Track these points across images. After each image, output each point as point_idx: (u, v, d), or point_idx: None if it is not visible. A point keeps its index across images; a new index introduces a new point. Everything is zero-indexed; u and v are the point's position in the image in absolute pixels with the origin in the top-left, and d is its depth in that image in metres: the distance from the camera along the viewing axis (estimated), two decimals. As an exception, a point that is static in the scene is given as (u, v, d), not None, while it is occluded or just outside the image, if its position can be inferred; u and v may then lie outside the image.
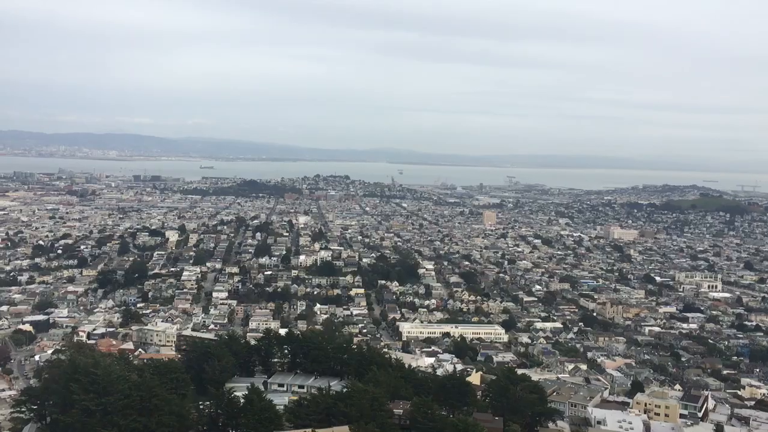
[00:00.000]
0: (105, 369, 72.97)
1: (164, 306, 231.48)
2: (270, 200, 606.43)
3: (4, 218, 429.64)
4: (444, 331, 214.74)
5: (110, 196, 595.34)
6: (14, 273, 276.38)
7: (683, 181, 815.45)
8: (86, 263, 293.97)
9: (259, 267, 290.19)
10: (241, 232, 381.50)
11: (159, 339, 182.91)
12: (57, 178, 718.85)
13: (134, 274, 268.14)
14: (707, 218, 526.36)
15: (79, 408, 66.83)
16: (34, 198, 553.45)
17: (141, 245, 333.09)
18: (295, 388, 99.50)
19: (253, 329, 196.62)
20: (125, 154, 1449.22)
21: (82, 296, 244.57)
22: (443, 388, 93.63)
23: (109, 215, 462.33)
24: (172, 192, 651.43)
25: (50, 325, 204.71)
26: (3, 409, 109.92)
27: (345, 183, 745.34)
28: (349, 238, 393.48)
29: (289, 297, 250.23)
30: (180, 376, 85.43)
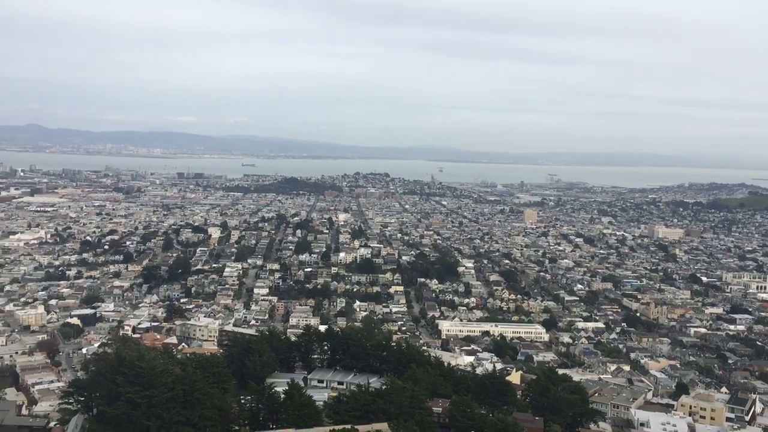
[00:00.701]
0: (149, 363, 74.37)
1: (206, 301, 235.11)
2: (310, 198, 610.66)
3: (54, 214, 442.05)
4: (483, 330, 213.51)
5: (155, 193, 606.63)
6: (63, 268, 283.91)
7: (731, 179, 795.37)
8: (132, 259, 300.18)
9: (299, 264, 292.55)
10: (281, 229, 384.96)
11: (201, 334, 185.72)
12: (104, 175, 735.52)
13: (178, 269, 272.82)
14: (756, 217, 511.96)
15: (124, 400, 68.31)
16: (82, 195, 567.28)
17: (184, 241, 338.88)
18: (334, 384, 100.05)
19: (293, 325, 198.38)
20: (169, 151, 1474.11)
21: (127, 291, 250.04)
22: (483, 386, 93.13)
23: (153, 212, 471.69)
24: (214, 189, 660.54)
25: (97, 318, 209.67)
26: (52, 400, 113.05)
27: (385, 181, 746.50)
28: (388, 235, 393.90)
29: (328, 294, 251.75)
30: (222, 371, 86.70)
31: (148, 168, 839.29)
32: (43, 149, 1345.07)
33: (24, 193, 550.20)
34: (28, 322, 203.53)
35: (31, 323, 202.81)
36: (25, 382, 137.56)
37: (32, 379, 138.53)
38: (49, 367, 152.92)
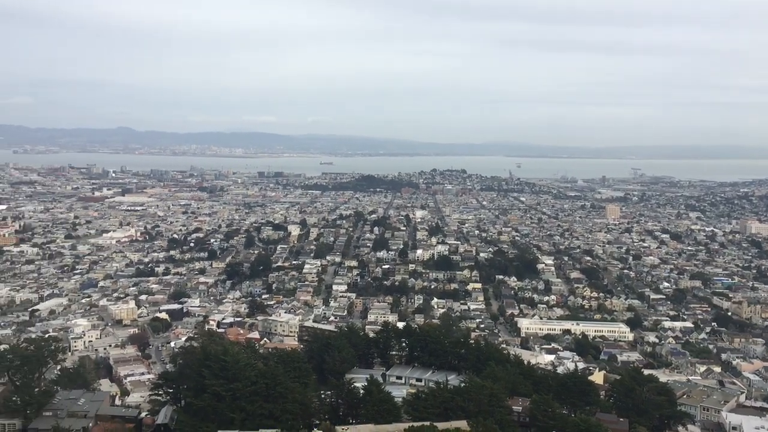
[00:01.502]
0: (234, 357, 76.40)
1: (287, 297, 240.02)
2: (387, 195, 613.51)
3: (143, 213, 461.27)
4: (564, 328, 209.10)
5: (237, 192, 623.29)
6: (152, 264, 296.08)
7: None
8: (216, 256, 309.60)
9: (377, 261, 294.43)
10: (359, 226, 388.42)
11: (282, 329, 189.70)
12: (189, 175, 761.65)
13: (259, 266, 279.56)
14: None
15: (210, 393, 70.43)
16: (169, 194, 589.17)
17: (265, 239, 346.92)
18: (413, 381, 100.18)
19: (371, 322, 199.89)
20: (251, 151, 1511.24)
21: (212, 287, 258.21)
22: (564, 386, 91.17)
23: (236, 210, 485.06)
24: (293, 187, 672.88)
25: (184, 313, 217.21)
26: (143, 391, 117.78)
27: (462, 177, 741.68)
28: (466, 232, 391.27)
29: (406, 291, 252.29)
30: (302, 366, 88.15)
31: (231, 167, 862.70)
32: (133, 151, 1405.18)
33: (115, 193, 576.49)
34: (121, 316, 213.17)
35: (123, 317, 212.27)
36: (118, 374, 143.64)
37: (124, 371, 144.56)
38: (140, 359, 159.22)
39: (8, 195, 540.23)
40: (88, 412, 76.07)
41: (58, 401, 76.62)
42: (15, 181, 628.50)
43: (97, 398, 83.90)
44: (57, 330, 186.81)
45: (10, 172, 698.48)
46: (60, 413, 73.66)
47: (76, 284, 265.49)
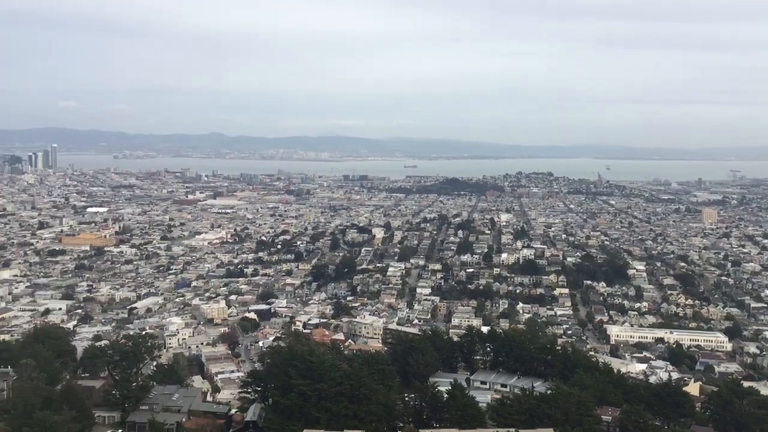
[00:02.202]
0: (319, 357, 77.54)
1: (371, 300, 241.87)
2: (471, 198, 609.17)
3: (233, 216, 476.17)
4: (657, 336, 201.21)
5: (323, 195, 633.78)
6: (241, 266, 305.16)
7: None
8: (302, 258, 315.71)
9: (461, 264, 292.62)
10: (443, 229, 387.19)
11: (367, 331, 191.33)
12: (277, 178, 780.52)
13: (344, 268, 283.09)
14: None
15: (296, 392, 71.77)
16: (258, 197, 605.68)
17: (350, 241, 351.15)
18: (497, 386, 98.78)
19: (455, 326, 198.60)
20: (336, 155, 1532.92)
21: (298, 288, 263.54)
22: (656, 396, 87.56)
23: (321, 213, 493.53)
24: (378, 191, 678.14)
25: (271, 314, 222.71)
26: (232, 388, 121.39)
27: (548, 180, 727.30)
28: (552, 236, 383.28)
29: (491, 295, 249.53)
30: (386, 368, 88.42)
31: (317, 171, 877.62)
32: (224, 155, 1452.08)
33: (207, 196, 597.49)
34: (212, 315, 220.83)
35: (214, 316, 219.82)
36: (210, 371, 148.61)
37: (215, 369, 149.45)
38: (230, 357, 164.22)
39: (109, 198, 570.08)
40: (181, 407, 78.92)
41: (154, 396, 79.86)
42: (115, 185, 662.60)
43: (190, 394, 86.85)
44: (153, 327, 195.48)
45: (110, 176, 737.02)
46: (155, 407, 76.75)
47: (171, 284, 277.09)
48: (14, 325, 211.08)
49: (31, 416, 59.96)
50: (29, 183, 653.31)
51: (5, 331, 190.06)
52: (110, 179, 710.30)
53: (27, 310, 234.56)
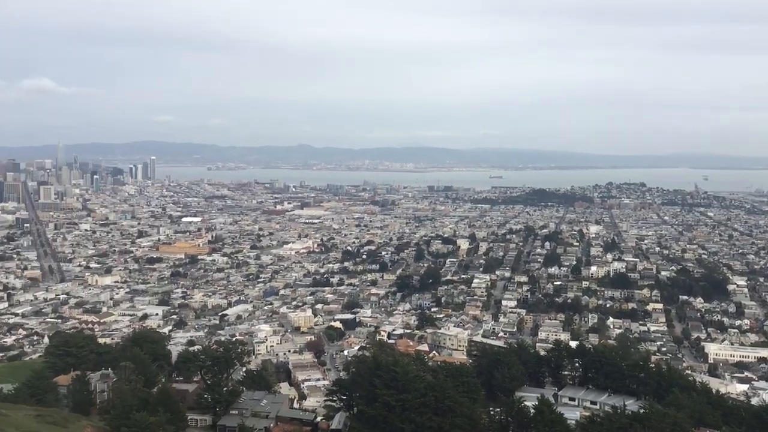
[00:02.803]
0: (404, 368, 77.47)
1: (456, 311, 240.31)
2: (559, 209, 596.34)
3: (320, 226, 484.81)
4: (760, 356, 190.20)
5: (407, 205, 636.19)
6: (327, 275, 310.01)
7: None
8: (387, 268, 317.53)
9: (548, 277, 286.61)
10: (529, 241, 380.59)
11: (451, 343, 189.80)
12: (362, 189, 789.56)
13: (428, 279, 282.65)
14: None
15: (381, 402, 71.92)
16: (343, 208, 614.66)
17: (434, 252, 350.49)
18: (587, 403, 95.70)
19: (542, 339, 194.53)
20: (421, 166, 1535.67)
21: (383, 298, 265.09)
22: (759, 419, 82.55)
23: (406, 223, 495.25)
24: (463, 201, 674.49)
25: (356, 323, 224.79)
26: (318, 396, 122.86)
27: (640, 191, 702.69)
28: (645, 249, 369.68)
29: (579, 308, 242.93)
30: (471, 381, 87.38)
31: (401, 182, 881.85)
32: (311, 167, 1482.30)
33: (295, 207, 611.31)
34: (299, 323, 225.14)
35: (300, 325, 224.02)
36: (296, 379, 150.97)
37: (302, 376, 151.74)
38: (316, 365, 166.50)
39: (203, 208, 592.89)
40: (269, 413, 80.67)
41: (243, 401, 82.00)
42: (208, 196, 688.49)
43: (278, 400, 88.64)
44: (243, 334, 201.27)
45: (204, 187, 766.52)
46: (245, 412, 78.79)
47: (260, 292, 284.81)
48: (115, 329, 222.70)
49: (129, 417, 62.70)
50: (130, 194, 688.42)
51: (106, 335, 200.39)
52: (204, 190, 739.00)
53: (126, 315, 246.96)
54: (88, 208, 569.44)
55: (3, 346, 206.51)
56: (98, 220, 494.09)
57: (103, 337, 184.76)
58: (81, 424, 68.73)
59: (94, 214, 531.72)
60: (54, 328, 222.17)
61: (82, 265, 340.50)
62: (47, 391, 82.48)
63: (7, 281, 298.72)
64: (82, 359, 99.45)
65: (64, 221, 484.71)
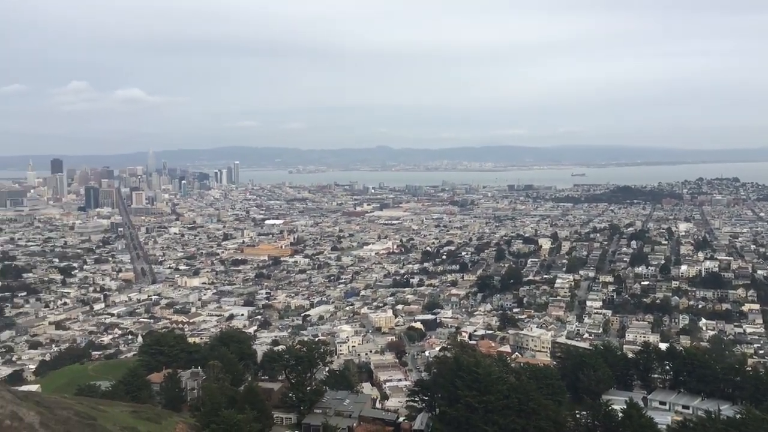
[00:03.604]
0: (486, 369, 76.69)
1: (538, 312, 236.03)
2: (646, 207, 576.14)
3: (399, 227, 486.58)
4: None
5: (487, 205, 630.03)
6: (407, 276, 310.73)
7: None
8: (467, 268, 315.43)
9: (635, 276, 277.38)
10: (614, 240, 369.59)
11: (534, 344, 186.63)
12: (441, 189, 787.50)
13: (509, 279, 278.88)
14: None
15: (463, 403, 71.42)
16: (422, 208, 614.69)
17: (515, 252, 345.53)
18: (678, 407, 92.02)
19: (629, 341, 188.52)
20: (500, 165, 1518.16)
21: (463, 299, 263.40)
22: None
23: (486, 223, 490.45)
24: (544, 200, 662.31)
25: (437, 324, 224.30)
26: (400, 397, 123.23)
27: (733, 186, 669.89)
28: (739, 247, 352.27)
29: (669, 309, 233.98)
30: (555, 383, 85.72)
31: (481, 181, 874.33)
32: (390, 168, 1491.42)
33: (374, 208, 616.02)
34: (379, 324, 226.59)
35: (381, 325, 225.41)
36: (378, 379, 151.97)
37: (384, 376, 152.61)
38: (397, 366, 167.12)
39: (284, 210, 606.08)
40: (352, 412, 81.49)
41: (327, 400, 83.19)
42: (290, 198, 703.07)
43: (360, 400, 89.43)
44: (325, 334, 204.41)
45: (285, 190, 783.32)
46: (328, 411, 79.88)
47: (341, 293, 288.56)
48: (203, 328, 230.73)
49: (217, 414, 64.59)
50: (215, 198, 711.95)
51: (195, 334, 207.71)
52: (285, 193, 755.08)
53: (214, 315, 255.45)
54: (176, 212, 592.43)
55: (100, 344, 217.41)
56: (186, 224, 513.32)
57: (193, 336, 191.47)
58: (173, 420, 71.31)
59: (182, 217, 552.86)
60: (147, 327, 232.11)
61: (172, 267, 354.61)
62: (141, 388, 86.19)
63: (103, 283, 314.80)
64: (173, 358, 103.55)
65: (154, 225, 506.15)
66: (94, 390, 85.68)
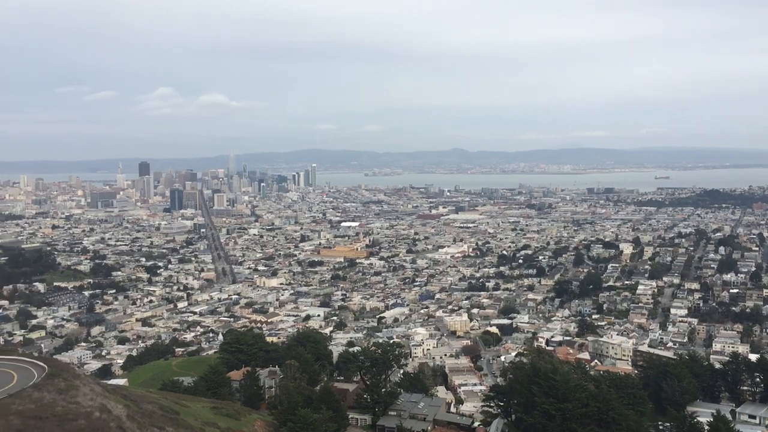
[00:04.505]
0: (563, 376, 75.13)
1: (619, 319, 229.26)
2: (735, 211, 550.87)
3: (474, 230, 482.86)
4: None
5: (565, 208, 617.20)
6: (482, 279, 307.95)
7: None
8: (544, 273, 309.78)
9: (723, 284, 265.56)
10: (701, 245, 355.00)
11: (614, 352, 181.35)
12: (517, 192, 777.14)
13: (589, 285, 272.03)
14: None
15: (540, 410, 70.18)
16: (498, 212, 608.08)
17: (595, 257, 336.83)
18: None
19: (716, 351, 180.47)
20: (579, 167, 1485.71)
21: (540, 304, 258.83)
22: None
23: (564, 227, 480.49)
24: (625, 204, 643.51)
25: (513, 329, 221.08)
26: (475, 401, 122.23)
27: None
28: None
29: (759, 319, 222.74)
30: (637, 393, 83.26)
31: (559, 184, 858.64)
32: (465, 171, 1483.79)
33: (450, 211, 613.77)
34: (454, 327, 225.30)
35: (456, 329, 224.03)
36: (453, 383, 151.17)
37: (458, 380, 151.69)
38: (472, 370, 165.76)
39: (360, 213, 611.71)
40: (427, 415, 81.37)
41: (401, 403, 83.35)
42: (365, 201, 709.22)
43: (435, 404, 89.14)
44: (400, 337, 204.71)
45: (361, 192, 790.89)
46: (403, 414, 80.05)
47: (416, 295, 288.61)
48: (281, 328, 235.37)
49: (294, 413, 65.75)
50: (293, 200, 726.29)
51: (273, 334, 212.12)
52: (361, 195, 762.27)
53: (291, 315, 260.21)
54: (255, 213, 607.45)
55: (183, 341, 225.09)
56: (265, 225, 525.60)
57: (270, 336, 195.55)
58: (252, 417, 72.98)
59: (261, 219, 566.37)
60: (227, 326, 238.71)
61: (251, 268, 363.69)
62: (222, 385, 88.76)
63: (186, 282, 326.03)
64: (252, 356, 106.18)
65: (235, 226, 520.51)
66: (178, 385, 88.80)
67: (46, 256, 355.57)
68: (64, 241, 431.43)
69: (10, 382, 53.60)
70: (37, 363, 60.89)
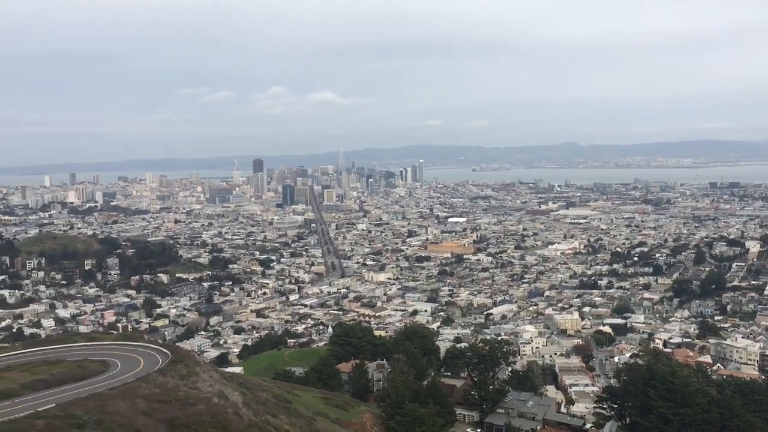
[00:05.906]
0: (682, 380, 71.80)
1: (744, 321, 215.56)
2: None
3: (586, 226, 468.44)
4: None
5: (685, 204, 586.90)
6: (595, 277, 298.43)
7: None
8: (661, 271, 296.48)
9: None
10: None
11: (739, 356, 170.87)
12: (632, 187, 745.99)
13: (710, 285, 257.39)
14: None
15: (656, 414, 67.48)
16: (612, 207, 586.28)
17: (718, 255, 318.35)
18: None
19: None
20: (700, 161, 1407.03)
21: (657, 304, 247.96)
22: None
23: (683, 224, 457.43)
24: (752, 199, 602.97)
25: (627, 329, 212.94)
26: (587, 402, 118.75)
27: None
28: None
29: None
30: (764, 399, 78.24)
31: (678, 179, 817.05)
32: (576, 165, 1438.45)
33: (560, 207, 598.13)
34: (565, 326, 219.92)
35: (567, 327, 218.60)
36: (563, 382, 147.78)
37: (569, 380, 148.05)
38: (584, 370, 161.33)
39: (467, 208, 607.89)
40: (536, 415, 79.94)
41: (509, 401, 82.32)
42: (473, 196, 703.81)
43: (545, 403, 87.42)
44: (508, 334, 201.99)
45: (469, 188, 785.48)
46: (511, 412, 79.04)
47: (524, 292, 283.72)
48: (388, 322, 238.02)
49: (401, 406, 66.48)
50: (400, 195, 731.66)
51: (381, 328, 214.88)
52: (468, 191, 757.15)
53: (398, 310, 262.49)
54: (364, 209, 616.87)
55: (295, 333, 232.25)
56: (373, 221, 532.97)
57: (378, 329, 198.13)
58: (360, 409, 74.43)
59: (369, 214, 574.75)
60: (336, 319, 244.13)
61: (359, 262, 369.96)
62: (332, 376, 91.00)
63: (297, 275, 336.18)
64: (361, 349, 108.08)
65: (344, 221, 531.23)
66: (290, 375, 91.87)
67: (169, 249, 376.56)
68: (185, 234, 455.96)
69: (137, 366, 57.41)
70: (161, 350, 64.82)
